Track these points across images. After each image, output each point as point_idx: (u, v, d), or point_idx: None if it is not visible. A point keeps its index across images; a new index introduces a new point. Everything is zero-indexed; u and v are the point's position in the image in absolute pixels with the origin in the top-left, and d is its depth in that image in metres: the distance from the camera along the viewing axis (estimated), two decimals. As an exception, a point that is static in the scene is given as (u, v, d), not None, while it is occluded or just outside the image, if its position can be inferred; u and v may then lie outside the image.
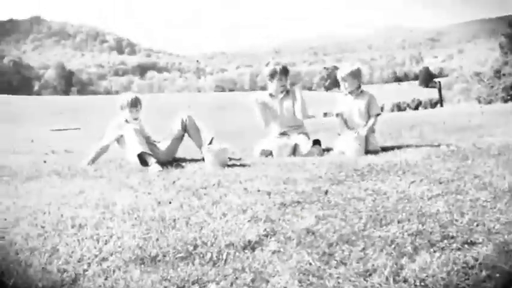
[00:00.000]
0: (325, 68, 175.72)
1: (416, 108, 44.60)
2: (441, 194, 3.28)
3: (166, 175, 4.41)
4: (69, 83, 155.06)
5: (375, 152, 5.37)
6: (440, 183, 3.59)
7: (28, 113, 50.79)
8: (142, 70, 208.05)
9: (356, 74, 5.77)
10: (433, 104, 51.23)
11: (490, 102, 25.90)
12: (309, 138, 5.79)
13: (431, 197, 3.23)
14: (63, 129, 26.94)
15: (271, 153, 5.55)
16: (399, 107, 45.46)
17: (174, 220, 2.93)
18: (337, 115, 5.90)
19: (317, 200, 3.26)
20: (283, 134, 5.76)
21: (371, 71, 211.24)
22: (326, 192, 3.43)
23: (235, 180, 4.00)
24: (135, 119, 5.42)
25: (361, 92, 5.88)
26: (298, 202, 3.22)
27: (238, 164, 4.92)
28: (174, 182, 4.00)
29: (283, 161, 5.04)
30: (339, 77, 5.84)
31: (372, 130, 5.74)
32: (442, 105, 45.19)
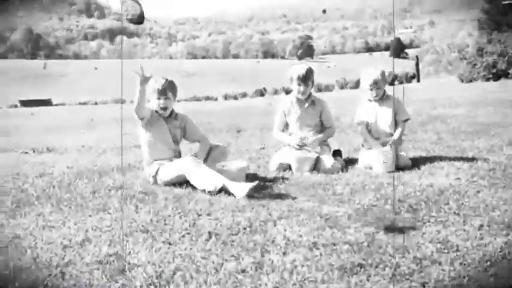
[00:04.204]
0: (299, 37, 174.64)
1: (392, 83, 44.42)
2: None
3: (183, 210, 3.69)
4: (36, 46, 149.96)
5: (406, 167, 4.81)
6: (508, 227, 3.04)
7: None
8: (112, 35, 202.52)
9: (384, 80, 5.14)
10: (409, 78, 51.29)
11: (471, 80, 25.68)
12: (330, 149, 5.17)
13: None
14: (32, 101, 25.71)
15: (289, 167, 4.92)
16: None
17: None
18: (358, 123, 5.28)
19: (380, 261, 2.65)
20: (302, 146, 5.08)
21: (343, 40, 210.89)
22: (385, 251, 2.81)
23: (268, 219, 3.37)
24: (164, 108, 4.57)
25: (386, 96, 5.26)
26: (361, 266, 2.60)
27: (261, 184, 4.26)
28: (194, 224, 3.33)
29: (308, 181, 4.42)
30: (364, 86, 5.18)
31: (401, 141, 5.16)
32: (418, 80, 45.12)
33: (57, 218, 3.55)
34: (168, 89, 4.53)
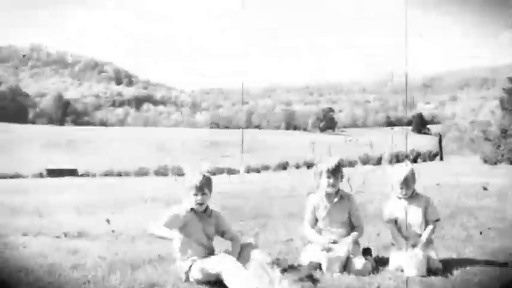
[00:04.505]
0: (322, 109, 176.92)
1: (415, 160, 44.24)
2: None
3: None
4: (64, 112, 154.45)
5: (437, 270, 4.79)
6: None
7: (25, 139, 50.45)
8: (138, 102, 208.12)
9: (413, 178, 5.21)
10: (432, 156, 51.10)
11: (495, 163, 25.52)
12: (359, 247, 5.20)
13: None
14: (59, 170, 26.35)
15: (319, 266, 4.95)
16: (397, 158, 45.02)
17: None
18: (388, 221, 5.32)
19: None
20: (333, 242, 5.13)
21: (365, 113, 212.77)
22: None
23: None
24: (201, 204, 4.69)
25: (416, 194, 5.32)
26: None
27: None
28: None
29: (339, 284, 4.44)
30: (395, 182, 5.25)
31: (431, 241, 5.16)
32: (441, 158, 45.00)
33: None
34: (205, 186, 4.68)
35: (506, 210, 8.78)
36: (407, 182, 5.17)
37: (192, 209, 4.68)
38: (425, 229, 5.18)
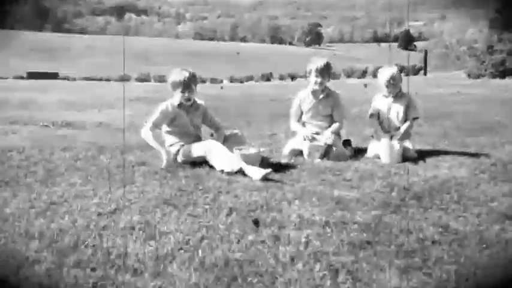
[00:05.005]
0: (309, 23, 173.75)
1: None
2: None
3: (204, 187, 3.98)
4: (43, 19, 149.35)
5: (412, 159, 5.08)
6: (509, 218, 3.30)
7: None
8: (119, 11, 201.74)
9: (400, 77, 5.42)
10: (416, 71, 51.14)
11: (478, 76, 25.83)
12: (341, 139, 5.44)
13: (508, 240, 2.91)
14: (39, 73, 25.93)
15: (300, 153, 5.20)
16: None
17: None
18: (371, 116, 5.54)
19: (386, 239, 2.92)
20: (316, 134, 5.36)
21: (352, 29, 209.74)
22: (391, 231, 3.08)
23: (283, 199, 3.65)
24: (189, 99, 4.84)
25: (401, 93, 5.52)
26: (368, 243, 2.88)
27: (275, 170, 4.54)
28: (215, 200, 3.61)
29: (319, 167, 4.70)
30: (381, 82, 5.44)
31: (408, 135, 5.41)
32: (425, 73, 45.16)
33: (88, 188, 3.85)
34: (192, 82, 4.80)
35: (482, 114, 9.09)
36: (394, 80, 5.37)
37: (179, 105, 4.81)
38: (405, 125, 5.44)
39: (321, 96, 5.44)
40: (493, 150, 5.60)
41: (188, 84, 4.76)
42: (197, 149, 4.66)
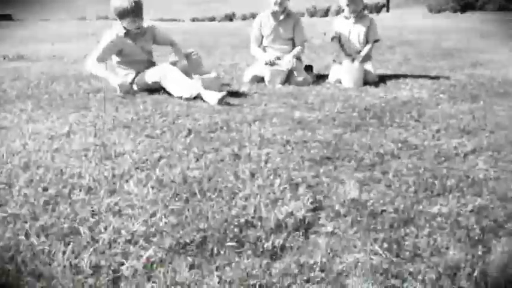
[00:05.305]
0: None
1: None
2: (476, 150, 3.00)
3: (162, 112, 3.85)
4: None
5: (373, 82, 5.06)
6: (467, 133, 3.33)
7: None
8: None
9: None
10: (379, 8, 50.65)
11: (439, 11, 25.78)
12: (302, 64, 5.34)
13: (466, 153, 2.95)
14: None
15: (262, 80, 5.09)
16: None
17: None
18: (332, 39, 5.43)
19: (346, 155, 2.91)
20: (277, 59, 5.21)
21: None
22: (351, 148, 3.07)
23: (243, 120, 3.58)
24: (138, 27, 4.55)
25: (363, 15, 5.41)
26: (329, 158, 2.86)
27: (234, 92, 4.45)
28: (174, 122, 3.51)
29: (280, 92, 4.62)
30: (343, 2, 5.29)
31: (369, 57, 5.36)
32: (388, 10, 44.77)
33: (40, 114, 3.69)
34: (139, 10, 4.49)
35: (442, 42, 9.11)
36: (356, 1, 5.23)
37: (126, 33, 4.54)
38: (366, 48, 5.36)
39: (281, 17, 5.25)
40: (452, 73, 5.64)
41: (138, 10, 4.47)
42: (151, 75, 4.47)
